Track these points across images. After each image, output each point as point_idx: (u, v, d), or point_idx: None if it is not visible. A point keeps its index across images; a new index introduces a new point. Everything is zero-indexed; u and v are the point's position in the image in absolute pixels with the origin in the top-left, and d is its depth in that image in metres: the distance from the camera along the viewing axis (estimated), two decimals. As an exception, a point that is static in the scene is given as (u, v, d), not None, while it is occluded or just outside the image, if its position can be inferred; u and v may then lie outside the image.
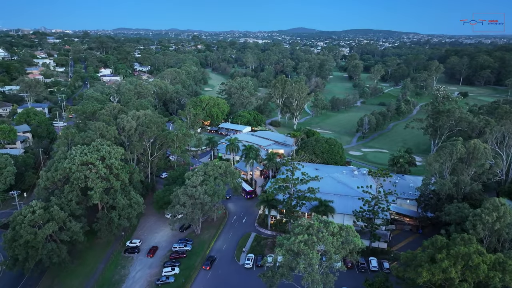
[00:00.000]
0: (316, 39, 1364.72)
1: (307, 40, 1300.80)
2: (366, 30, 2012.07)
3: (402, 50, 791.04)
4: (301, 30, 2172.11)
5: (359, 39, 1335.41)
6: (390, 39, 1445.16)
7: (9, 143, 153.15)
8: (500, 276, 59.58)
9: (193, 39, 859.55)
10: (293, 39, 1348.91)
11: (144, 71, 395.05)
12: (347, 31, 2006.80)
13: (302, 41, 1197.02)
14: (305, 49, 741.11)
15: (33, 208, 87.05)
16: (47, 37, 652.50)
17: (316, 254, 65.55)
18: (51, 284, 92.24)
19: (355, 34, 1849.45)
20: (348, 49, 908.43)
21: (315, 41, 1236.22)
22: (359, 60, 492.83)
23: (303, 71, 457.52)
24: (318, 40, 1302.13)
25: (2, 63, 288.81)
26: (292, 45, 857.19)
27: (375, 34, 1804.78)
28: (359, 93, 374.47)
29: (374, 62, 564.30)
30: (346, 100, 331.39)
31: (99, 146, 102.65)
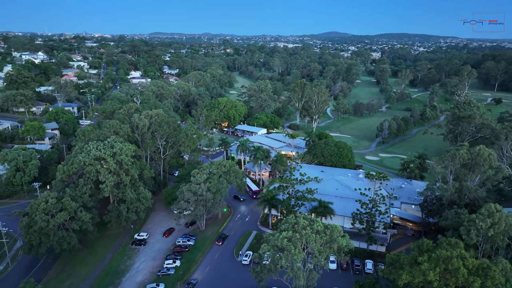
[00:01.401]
0: (348, 43, 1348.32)
1: (339, 44, 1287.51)
2: (401, 34, 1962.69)
3: (436, 54, 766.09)
4: (334, 34, 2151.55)
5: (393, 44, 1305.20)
6: (426, 43, 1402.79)
7: (38, 139, 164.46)
8: (480, 282, 58.95)
9: (223, 43, 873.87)
10: (324, 43, 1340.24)
11: (173, 74, 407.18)
12: (381, 35, 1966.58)
13: (333, 45, 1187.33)
14: (334, 53, 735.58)
15: (46, 198, 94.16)
16: (85, 41, 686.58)
17: (299, 250, 67.35)
18: (62, 270, 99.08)
19: (389, 38, 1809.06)
20: (380, 53, 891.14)
21: (346, 45, 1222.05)
22: (387, 65, 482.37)
23: (329, 75, 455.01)
24: (350, 45, 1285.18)
25: (41, 65, 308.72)
26: (322, 49, 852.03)
27: (411, 38, 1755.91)
28: (385, 98, 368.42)
29: (405, 66, 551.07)
30: (370, 105, 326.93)
31: (112, 142, 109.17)
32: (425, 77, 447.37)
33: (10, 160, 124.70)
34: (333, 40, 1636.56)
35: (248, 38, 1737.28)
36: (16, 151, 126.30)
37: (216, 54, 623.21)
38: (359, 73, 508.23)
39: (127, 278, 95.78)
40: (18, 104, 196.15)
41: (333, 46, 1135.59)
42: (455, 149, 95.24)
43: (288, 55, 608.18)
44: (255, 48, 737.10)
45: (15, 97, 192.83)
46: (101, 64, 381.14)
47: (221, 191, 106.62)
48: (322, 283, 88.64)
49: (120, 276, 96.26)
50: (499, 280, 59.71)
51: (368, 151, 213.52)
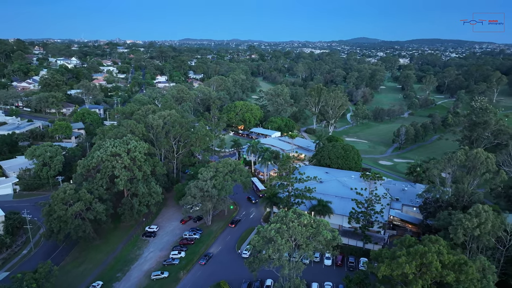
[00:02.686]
0: (377, 49, 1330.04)
1: (367, 50, 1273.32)
2: (433, 40, 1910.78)
3: (468, 60, 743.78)
4: (363, 40, 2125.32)
5: (424, 49, 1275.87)
6: (459, 49, 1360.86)
7: (66, 138, 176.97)
8: (454, 276, 61.35)
9: (249, 49, 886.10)
10: (353, 49, 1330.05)
11: (197, 79, 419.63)
12: (412, 41, 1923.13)
13: (361, 51, 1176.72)
14: (360, 59, 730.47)
15: (65, 189, 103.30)
16: (117, 47, 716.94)
17: (285, 241, 71.78)
18: (78, 256, 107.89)
19: (420, 44, 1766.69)
20: (409, 59, 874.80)
21: (374, 51, 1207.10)
22: (412, 71, 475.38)
23: (352, 80, 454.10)
24: (379, 50, 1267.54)
25: (73, 70, 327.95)
26: (348, 55, 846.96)
27: (443, 44, 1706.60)
28: (408, 104, 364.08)
29: (434, 73, 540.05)
30: (391, 111, 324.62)
31: (127, 140, 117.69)
32: (451, 83, 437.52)
33: (38, 156, 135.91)
34: (362, 46, 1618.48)
35: (275, 44, 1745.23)
36: (43, 148, 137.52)
37: (241, 59, 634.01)
38: (384, 79, 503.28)
39: (135, 266, 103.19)
40: (50, 105, 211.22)
41: (360, 52, 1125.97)
42: (452, 152, 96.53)
43: (312, 61, 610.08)
44: (280, 54, 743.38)
45: (47, 99, 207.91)
46: (129, 69, 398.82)
47: (226, 188, 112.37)
48: (316, 278, 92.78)
49: (129, 264, 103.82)
50: (473, 275, 61.77)
51: (382, 156, 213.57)
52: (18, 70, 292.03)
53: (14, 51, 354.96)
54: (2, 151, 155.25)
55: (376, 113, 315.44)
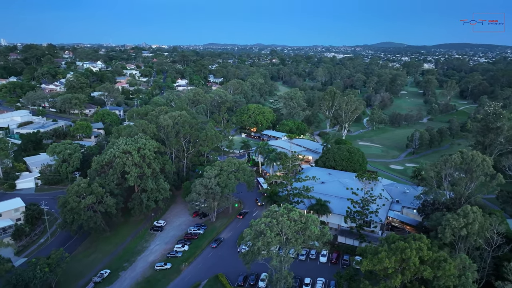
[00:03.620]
0: (402, 54, 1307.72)
1: (391, 54, 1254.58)
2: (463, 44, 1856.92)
3: (496, 65, 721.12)
4: (388, 45, 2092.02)
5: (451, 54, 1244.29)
6: (489, 53, 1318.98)
7: (86, 137, 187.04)
8: (430, 271, 63.51)
9: (270, 53, 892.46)
10: (377, 53, 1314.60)
11: (217, 82, 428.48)
12: (439, 45, 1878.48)
13: (386, 56, 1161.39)
14: (383, 64, 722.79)
15: (79, 182, 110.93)
16: (142, 51, 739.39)
17: (274, 234, 75.53)
18: (90, 246, 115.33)
19: (448, 48, 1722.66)
20: (434, 64, 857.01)
21: (399, 56, 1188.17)
22: (433, 76, 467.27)
23: (371, 85, 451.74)
24: (404, 55, 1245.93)
25: (98, 73, 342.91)
26: (371, 60, 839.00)
27: (473, 49, 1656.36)
28: (427, 110, 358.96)
29: (458, 78, 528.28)
30: (409, 116, 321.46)
31: (138, 139, 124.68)
32: (475, 88, 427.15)
33: (58, 153, 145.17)
34: (387, 50, 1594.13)
35: (298, 49, 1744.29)
36: (63, 145, 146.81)
37: (262, 64, 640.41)
38: (405, 84, 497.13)
39: (141, 257, 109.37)
40: (73, 106, 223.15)
41: (384, 57, 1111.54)
42: (449, 154, 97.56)
43: (333, 65, 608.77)
44: (301, 58, 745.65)
45: (70, 100, 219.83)
46: (151, 73, 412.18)
47: (229, 186, 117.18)
48: (310, 273, 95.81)
49: (135, 255, 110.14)
50: (451, 272, 63.64)
51: (394, 161, 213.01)
52: (47, 73, 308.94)
53: (44, 55, 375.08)
54: (27, 148, 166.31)
55: (393, 118, 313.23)
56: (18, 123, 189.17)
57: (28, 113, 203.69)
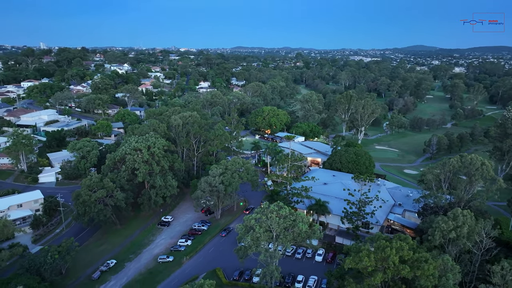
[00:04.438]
0: (432, 57, 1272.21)
1: (421, 58, 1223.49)
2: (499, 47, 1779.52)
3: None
4: (419, 48, 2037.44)
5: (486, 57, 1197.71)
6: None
7: (106, 135, 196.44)
8: (409, 270, 64.45)
9: (295, 56, 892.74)
10: (407, 57, 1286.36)
11: (239, 85, 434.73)
12: (474, 48, 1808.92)
13: (415, 59, 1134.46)
14: (410, 68, 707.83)
15: (91, 177, 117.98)
16: (170, 54, 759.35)
17: (263, 230, 78.42)
18: (100, 238, 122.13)
19: (483, 51, 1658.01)
20: (465, 68, 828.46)
21: (429, 59, 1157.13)
22: (460, 80, 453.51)
23: (395, 89, 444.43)
24: (434, 59, 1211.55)
25: (123, 75, 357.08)
26: (398, 63, 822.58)
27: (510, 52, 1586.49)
28: (452, 115, 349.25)
29: (490, 82, 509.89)
30: (431, 121, 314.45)
31: (148, 137, 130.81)
32: (505, 93, 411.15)
33: (77, 149, 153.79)
34: (418, 54, 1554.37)
35: (326, 52, 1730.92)
36: (82, 143, 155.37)
37: (285, 67, 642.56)
38: (430, 88, 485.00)
39: (147, 249, 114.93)
40: (96, 106, 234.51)
41: (414, 60, 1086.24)
42: (448, 157, 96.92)
43: (357, 69, 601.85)
44: (326, 62, 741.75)
45: (94, 101, 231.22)
46: (175, 75, 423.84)
47: (233, 185, 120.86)
48: (305, 271, 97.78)
49: (141, 248, 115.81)
50: (430, 272, 64.30)
51: (410, 165, 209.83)
52: (76, 75, 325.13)
53: (75, 58, 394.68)
54: (51, 144, 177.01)
55: (414, 122, 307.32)
56: (45, 122, 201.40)
57: (54, 112, 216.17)
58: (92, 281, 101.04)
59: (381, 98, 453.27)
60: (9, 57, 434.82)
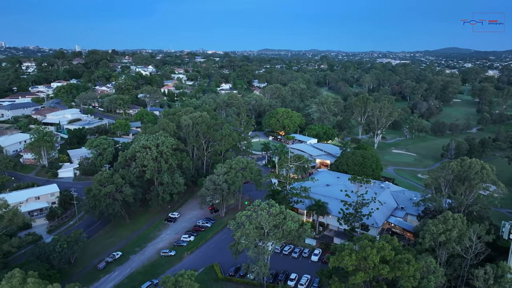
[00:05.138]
0: (466, 60, 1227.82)
1: (453, 61, 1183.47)
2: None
3: None
4: (452, 50, 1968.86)
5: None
6: None
7: (124, 134, 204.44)
8: (388, 270, 64.86)
9: (320, 59, 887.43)
10: (438, 60, 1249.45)
11: (260, 87, 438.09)
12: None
13: (446, 62, 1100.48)
14: (440, 70, 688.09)
15: (102, 173, 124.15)
16: (195, 57, 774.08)
17: (253, 226, 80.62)
18: (109, 231, 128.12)
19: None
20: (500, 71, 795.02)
21: (462, 62, 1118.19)
22: (490, 83, 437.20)
23: (420, 92, 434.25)
24: (468, 61, 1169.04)
25: (147, 77, 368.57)
26: (427, 66, 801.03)
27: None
28: (478, 119, 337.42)
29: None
30: (454, 125, 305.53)
31: (158, 136, 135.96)
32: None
33: (94, 147, 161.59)
34: (450, 56, 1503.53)
35: (353, 54, 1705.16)
36: (99, 140, 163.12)
37: (309, 69, 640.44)
38: (458, 92, 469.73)
39: (152, 243, 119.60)
40: (118, 106, 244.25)
41: (445, 63, 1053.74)
42: (448, 161, 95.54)
43: (382, 71, 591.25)
44: (350, 64, 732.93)
45: (116, 101, 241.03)
46: (198, 77, 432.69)
47: (236, 183, 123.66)
48: (299, 270, 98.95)
49: (147, 242, 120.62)
50: (409, 273, 64.43)
51: (426, 170, 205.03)
52: (102, 76, 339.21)
53: (101, 60, 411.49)
54: (72, 142, 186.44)
55: (436, 126, 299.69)
56: (68, 120, 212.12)
57: (77, 111, 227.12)
58: (97, 270, 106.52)
59: (405, 102, 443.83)
60: (43, 59, 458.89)
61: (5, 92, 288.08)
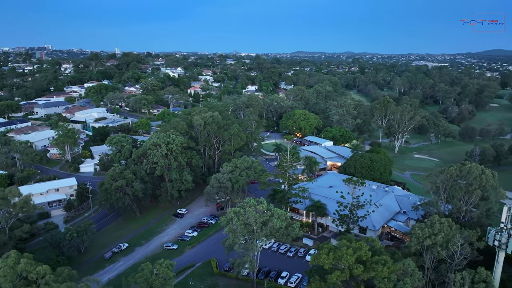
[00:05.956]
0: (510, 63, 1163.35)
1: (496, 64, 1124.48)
2: None
3: None
4: (497, 53, 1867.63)
5: None
6: None
7: (145, 132, 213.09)
8: (361, 270, 65.11)
9: (352, 61, 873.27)
10: (480, 62, 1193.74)
11: (286, 89, 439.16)
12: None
13: (489, 65, 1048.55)
14: (479, 74, 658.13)
15: (115, 168, 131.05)
16: (227, 59, 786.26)
17: (240, 223, 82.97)
18: (120, 224, 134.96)
19: None
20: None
21: (506, 65, 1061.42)
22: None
23: (452, 96, 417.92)
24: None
25: (174, 78, 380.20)
26: (464, 69, 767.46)
27: None
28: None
29: None
30: (485, 131, 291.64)
31: (169, 134, 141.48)
32: None
33: (114, 143, 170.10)
34: (495, 59, 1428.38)
35: (389, 57, 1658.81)
36: (118, 137, 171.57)
37: (339, 72, 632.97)
38: (495, 96, 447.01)
39: (157, 237, 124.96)
40: (142, 106, 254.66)
41: (487, 66, 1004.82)
42: (448, 166, 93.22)
43: (414, 74, 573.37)
44: (382, 67, 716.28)
45: (140, 101, 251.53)
46: (224, 79, 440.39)
47: (240, 182, 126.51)
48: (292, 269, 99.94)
49: (153, 235, 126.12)
50: (384, 275, 64.33)
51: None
52: (131, 77, 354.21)
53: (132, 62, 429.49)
54: (96, 139, 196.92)
55: (464, 131, 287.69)
56: (95, 118, 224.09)
57: (104, 110, 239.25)
58: (104, 260, 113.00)
59: (437, 106, 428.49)
60: (80, 61, 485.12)
61: (43, 92, 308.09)
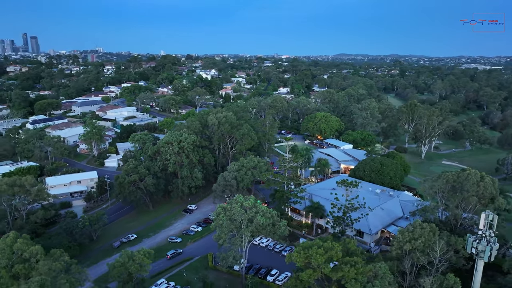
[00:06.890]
0: None
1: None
2: None
3: None
4: None
5: None
6: None
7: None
8: (329, 269, 65.44)
9: (393, 64, 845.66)
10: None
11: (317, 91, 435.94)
12: None
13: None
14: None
15: (129, 163, 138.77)
16: (264, 61, 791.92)
17: (226, 218, 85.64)
18: (133, 216, 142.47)
19: None
20: None
21: None
22: None
23: (497, 101, 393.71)
24: None
25: (207, 80, 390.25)
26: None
27: None
28: None
29: None
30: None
31: (182, 132, 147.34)
32: None
33: (136, 140, 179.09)
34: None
35: (437, 60, 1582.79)
36: (140, 135, 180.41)
37: (377, 75, 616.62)
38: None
39: (165, 230, 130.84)
40: (171, 106, 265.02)
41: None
42: (446, 171, 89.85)
43: (457, 78, 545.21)
44: (425, 70, 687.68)
45: (169, 101, 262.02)
46: (257, 81, 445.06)
47: (245, 181, 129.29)
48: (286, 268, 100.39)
49: (161, 228, 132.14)
50: (351, 276, 64.28)
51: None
52: (166, 79, 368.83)
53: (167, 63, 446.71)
54: (122, 136, 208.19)
55: (503, 138, 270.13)
56: (125, 117, 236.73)
57: (133, 110, 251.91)
58: (112, 248, 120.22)
59: (480, 111, 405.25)
60: (122, 63, 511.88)
61: (84, 91, 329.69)
